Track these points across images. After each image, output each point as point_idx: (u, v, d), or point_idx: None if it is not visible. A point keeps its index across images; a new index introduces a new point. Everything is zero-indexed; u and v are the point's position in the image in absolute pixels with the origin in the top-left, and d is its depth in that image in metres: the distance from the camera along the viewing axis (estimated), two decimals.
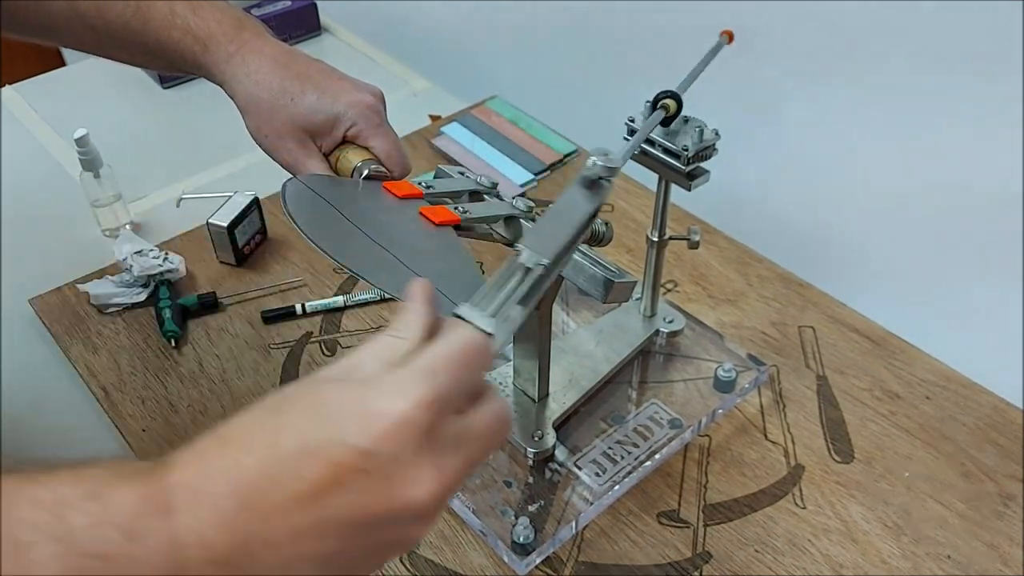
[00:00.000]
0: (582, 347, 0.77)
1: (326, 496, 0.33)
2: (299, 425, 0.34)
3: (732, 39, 0.67)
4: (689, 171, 0.66)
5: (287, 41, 0.73)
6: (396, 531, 0.35)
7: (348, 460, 0.33)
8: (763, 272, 0.90)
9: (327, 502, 0.33)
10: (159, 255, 0.87)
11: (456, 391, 0.36)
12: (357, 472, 0.33)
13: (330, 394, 0.35)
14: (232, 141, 0.84)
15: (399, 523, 0.35)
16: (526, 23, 1.28)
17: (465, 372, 0.36)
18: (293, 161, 0.66)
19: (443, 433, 0.35)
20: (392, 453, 0.34)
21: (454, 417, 0.36)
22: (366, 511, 0.34)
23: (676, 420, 0.73)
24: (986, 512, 0.69)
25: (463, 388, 0.37)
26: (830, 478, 0.71)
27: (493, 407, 0.38)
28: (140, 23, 0.66)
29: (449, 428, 0.36)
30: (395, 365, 0.36)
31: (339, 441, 0.34)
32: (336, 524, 0.34)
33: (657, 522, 0.68)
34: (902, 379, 0.79)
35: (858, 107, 0.94)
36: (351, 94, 0.65)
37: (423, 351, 0.36)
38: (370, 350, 0.37)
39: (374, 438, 0.33)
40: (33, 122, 1.14)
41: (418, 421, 0.34)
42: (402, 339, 0.37)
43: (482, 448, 0.37)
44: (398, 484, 0.34)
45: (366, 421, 0.34)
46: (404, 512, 0.34)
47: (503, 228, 0.63)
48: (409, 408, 0.34)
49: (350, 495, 0.33)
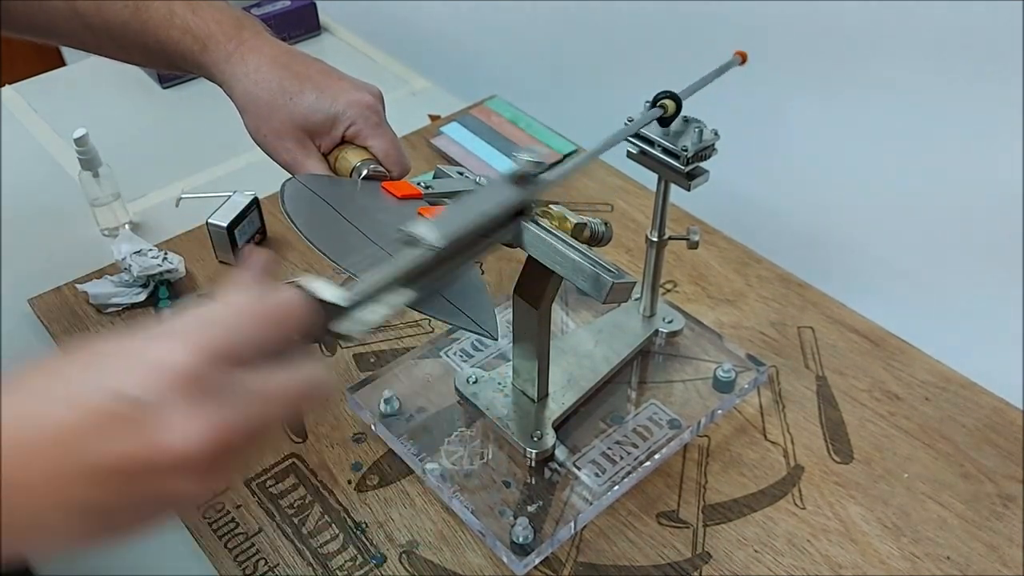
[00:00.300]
0: (581, 347, 0.76)
1: (84, 440, 0.33)
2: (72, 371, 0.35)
3: (745, 60, 0.67)
4: (689, 171, 0.66)
5: (287, 41, 0.73)
6: (161, 482, 0.34)
7: (107, 404, 0.33)
8: (763, 272, 0.90)
9: (84, 447, 0.33)
10: (158, 255, 0.87)
11: (241, 344, 0.35)
12: (114, 416, 0.33)
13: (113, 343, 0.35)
14: (232, 141, 0.84)
15: (161, 473, 0.34)
16: (526, 23, 1.28)
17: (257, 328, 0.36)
18: (292, 161, 0.66)
19: (216, 384, 0.34)
20: (151, 397, 0.33)
21: (235, 370, 0.35)
22: (123, 456, 0.33)
23: (675, 420, 0.73)
24: (985, 513, 0.69)
25: (253, 343, 0.36)
26: (829, 478, 0.71)
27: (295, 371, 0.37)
28: (139, 23, 0.66)
29: (226, 380, 0.34)
30: None
31: (100, 386, 0.33)
32: (93, 469, 0.33)
33: (656, 522, 0.68)
34: (901, 380, 0.79)
35: (858, 107, 0.94)
36: (350, 94, 0.65)
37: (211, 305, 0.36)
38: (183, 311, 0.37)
39: (132, 381, 0.33)
40: (33, 122, 1.14)
41: (181, 366, 0.33)
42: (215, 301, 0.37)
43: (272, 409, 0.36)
44: (154, 429, 0.33)
45: (129, 365, 0.34)
46: (163, 460, 0.33)
47: None
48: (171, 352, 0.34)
49: (107, 439, 0.33)
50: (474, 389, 0.73)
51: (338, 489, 0.70)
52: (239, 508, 0.69)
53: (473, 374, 0.74)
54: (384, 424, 0.73)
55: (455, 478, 0.69)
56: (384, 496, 0.70)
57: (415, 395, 0.75)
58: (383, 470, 0.72)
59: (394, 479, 0.71)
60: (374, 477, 0.71)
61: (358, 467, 0.72)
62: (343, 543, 0.67)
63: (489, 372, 0.74)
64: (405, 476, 0.71)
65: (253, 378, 0.35)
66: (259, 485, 0.71)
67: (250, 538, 0.67)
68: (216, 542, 0.67)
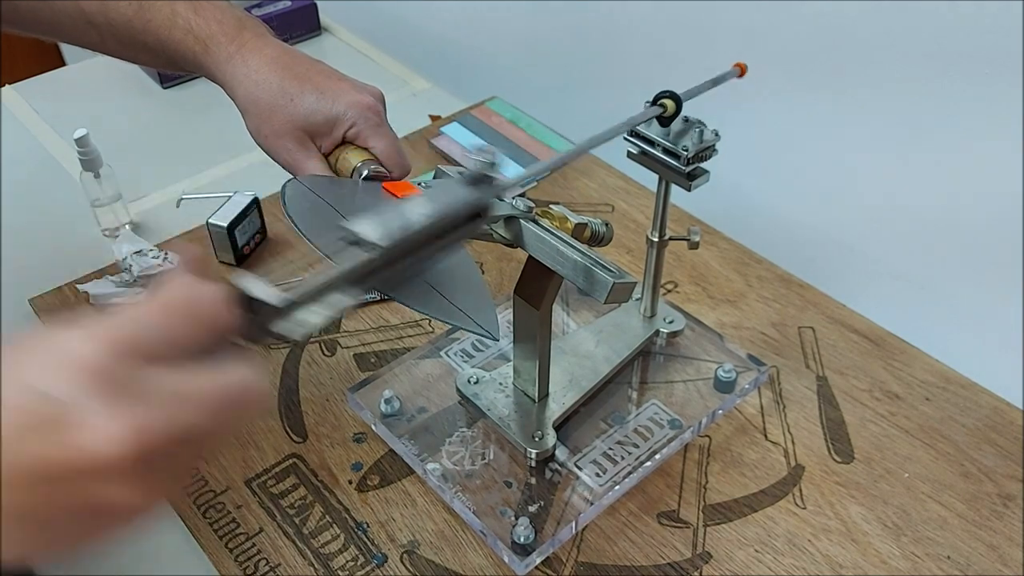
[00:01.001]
0: (582, 347, 0.77)
1: (8, 442, 0.31)
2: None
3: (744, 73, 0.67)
4: (689, 171, 0.66)
5: (287, 41, 0.73)
6: (88, 488, 0.32)
7: (26, 402, 0.31)
8: (763, 272, 0.90)
9: (9, 448, 0.31)
10: (159, 255, 0.87)
11: (153, 338, 0.33)
12: (34, 415, 0.31)
13: (35, 339, 0.34)
14: (232, 141, 0.84)
15: (85, 477, 0.32)
16: (526, 24, 1.28)
17: (171, 321, 0.34)
18: (293, 161, 0.66)
19: (133, 381, 0.32)
20: (64, 394, 0.31)
21: (154, 368, 0.33)
22: (45, 459, 0.31)
23: (676, 420, 0.73)
24: (985, 512, 0.69)
25: (166, 338, 0.34)
26: (830, 478, 0.71)
27: (222, 373, 0.35)
28: (142, 22, 0.66)
29: (144, 378, 0.33)
30: None
31: (20, 382, 0.32)
32: (20, 473, 0.31)
33: (657, 522, 0.68)
34: (902, 380, 0.79)
35: (858, 108, 0.94)
36: (350, 95, 0.65)
37: None
38: None
39: (46, 377, 0.32)
40: (33, 122, 1.14)
41: (88, 358, 0.32)
42: None
43: (201, 411, 0.34)
44: (72, 430, 0.31)
45: (44, 360, 0.32)
46: (85, 463, 0.32)
47: (503, 229, 0.63)
48: (80, 343, 0.32)
49: (29, 441, 0.31)
50: (475, 389, 0.73)
51: (339, 489, 0.70)
52: (240, 508, 0.69)
53: (474, 374, 0.74)
54: (385, 424, 0.73)
55: (456, 478, 0.69)
56: (385, 496, 0.70)
57: (416, 395, 0.75)
58: (384, 470, 0.72)
59: (395, 479, 0.71)
60: (375, 477, 0.71)
61: (359, 467, 0.72)
62: (344, 543, 0.67)
63: (490, 372, 0.74)
64: (406, 476, 0.71)
65: (173, 377, 0.33)
66: (260, 485, 0.71)
67: (251, 538, 0.67)
68: (217, 542, 0.67)
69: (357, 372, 0.80)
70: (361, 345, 0.82)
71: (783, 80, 0.98)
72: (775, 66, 0.97)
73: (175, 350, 0.34)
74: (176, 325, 0.34)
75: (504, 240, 0.62)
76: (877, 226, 0.98)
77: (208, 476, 0.71)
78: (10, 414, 0.31)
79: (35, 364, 0.32)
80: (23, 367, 0.32)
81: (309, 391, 0.78)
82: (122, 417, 0.32)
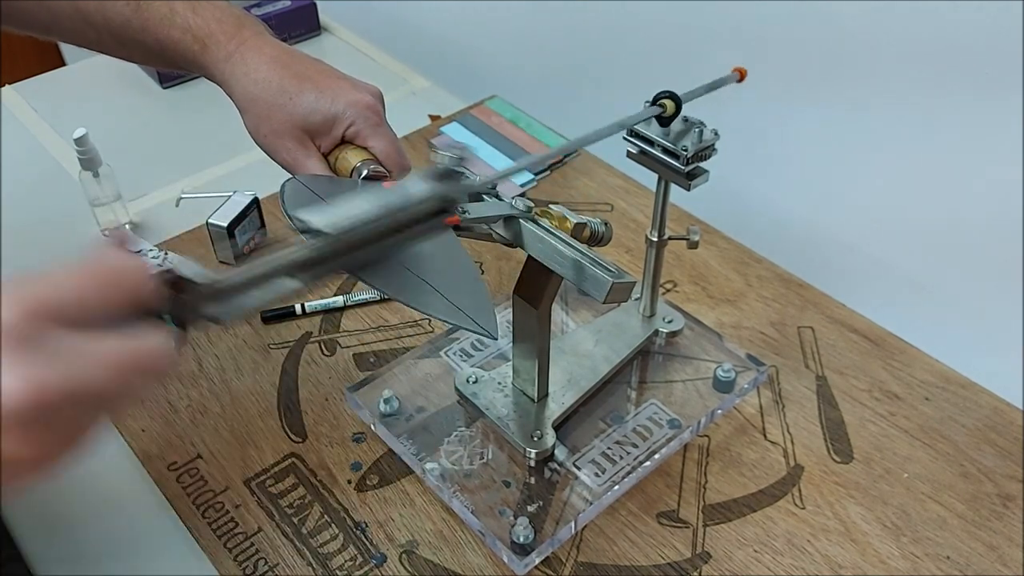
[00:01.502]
0: (581, 347, 0.76)
1: None
2: None
3: (743, 78, 0.67)
4: (688, 171, 0.66)
5: (287, 41, 0.73)
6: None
7: None
8: (762, 272, 0.90)
9: None
10: (158, 255, 0.87)
11: (66, 301, 0.35)
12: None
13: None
14: (232, 141, 0.83)
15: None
16: (526, 23, 1.28)
17: (86, 287, 0.35)
18: (292, 161, 0.66)
19: (39, 341, 0.34)
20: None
21: (60, 328, 0.34)
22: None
23: (675, 420, 0.73)
24: (985, 513, 0.69)
25: (80, 302, 0.35)
26: (829, 478, 0.71)
27: (132, 338, 0.36)
28: (140, 21, 0.66)
29: (52, 338, 0.34)
30: None
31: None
32: None
33: (656, 522, 0.68)
34: (901, 380, 0.79)
35: (858, 107, 0.94)
36: (350, 94, 0.65)
37: None
38: None
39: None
40: (33, 122, 1.14)
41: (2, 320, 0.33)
42: None
43: (101, 370, 0.35)
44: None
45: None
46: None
47: (502, 228, 0.63)
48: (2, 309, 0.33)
49: None
50: (474, 389, 0.73)
51: (338, 489, 0.70)
52: (238, 508, 0.69)
53: (473, 374, 0.74)
54: (384, 424, 0.73)
55: (455, 478, 0.69)
56: (384, 496, 0.70)
57: (415, 395, 0.75)
58: (383, 470, 0.72)
59: (394, 479, 0.71)
60: (374, 477, 0.71)
61: (358, 467, 0.72)
62: (343, 543, 0.67)
63: (489, 372, 0.74)
64: (405, 476, 0.71)
65: (78, 337, 0.35)
66: (258, 485, 0.71)
67: (250, 538, 0.67)
68: (216, 542, 0.67)
69: (356, 372, 0.80)
70: (360, 345, 0.82)
71: (783, 80, 0.98)
72: (775, 66, 0.97)
73: (90, 315, 0.35)
74: (94, 291, 0.35)
75: (503, 240, 0.62)
76: (877, 226, 0.98)
77: (207, 476, 0.71)
78: None
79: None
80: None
81: (308, 391, 0.78)
82: (20, 371, 0.33)
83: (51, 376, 0.33)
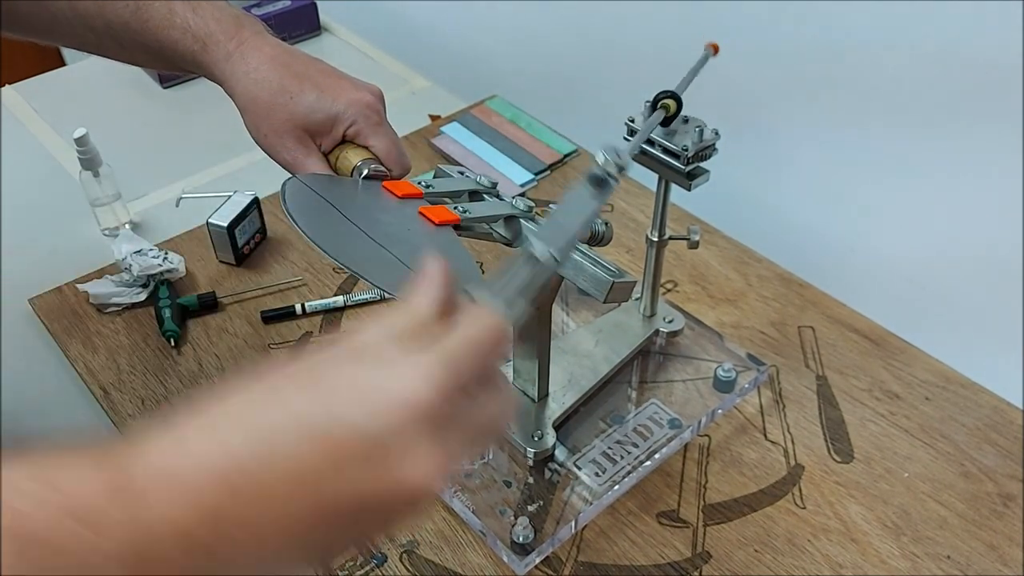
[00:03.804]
0: (582, 347, 0.76)
1: (322, 480, 0.31)
2: (298, 403, 0.33)
3: (717, 51, 0.67)
4: (689, 171, 0.66)
5: (287, 41, 0.73)
6: (386, 515, 0.34)
7: (349, 442, 0.32)
8: (763, 272, 0.90)
9: (322, 487, 0.31)
10: (159, 255, 0.87)
11: (471, 377, 0.34)
12: (357, 456, 0.32)
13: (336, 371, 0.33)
14: (232, 141, 0.84)
15: (395, 508, 0.33)
16: (526, 23, 1.28)
17: (485, 359, 0.35)
18: (292, 160, 0.65)
19: (450, 418, 0.33)
20: (397, 438, 0.32)
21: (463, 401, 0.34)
22: (361, 496, 0.32)
23: (676, 420, 0.73)
24: (985, 512, 0.69)
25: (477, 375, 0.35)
26: (830, 478, 0.71)
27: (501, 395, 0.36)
28: (139, 23, 0.66)
29: (456, 413, 0.34)
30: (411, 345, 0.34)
31: (341, 422, 0.32)
32: (326, 509, 0.32)
33: (657, 522, 0.68)
34: (902, 379, 0.79)
35: (858, 107, 0.94)
36: (350, 93, 0.65)
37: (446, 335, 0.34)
38: (381, 328, 0.35)
39: (381, 422, 0.32)
40: (33, 122, 1.14)
41: (431, 408, 0.32)
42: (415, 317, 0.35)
43: (483, 434, 0.36)
44: (398, 469, 0.32)
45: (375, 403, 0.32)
46: (399, 498, 0.33)
47: (503, 228, 0.63)
48: (428, 395, 0.32)
49: (347, 480, 0.32)
50: None
51: None
52: None
53: None
54: None
55: (455, 478, 0.69)
56: None
57: None
58: None
59: None
60: None
61: None
62: None
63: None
64: None
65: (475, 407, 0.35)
66: None
67: None
68: None
69: None
70: None
71: (783, 80, 0.98)
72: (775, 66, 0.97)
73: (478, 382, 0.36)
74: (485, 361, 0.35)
75: (504, 240, 0.62)
76: (877, 226, 0.98)
77: None
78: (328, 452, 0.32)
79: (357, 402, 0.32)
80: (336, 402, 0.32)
81: None
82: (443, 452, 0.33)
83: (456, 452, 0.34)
